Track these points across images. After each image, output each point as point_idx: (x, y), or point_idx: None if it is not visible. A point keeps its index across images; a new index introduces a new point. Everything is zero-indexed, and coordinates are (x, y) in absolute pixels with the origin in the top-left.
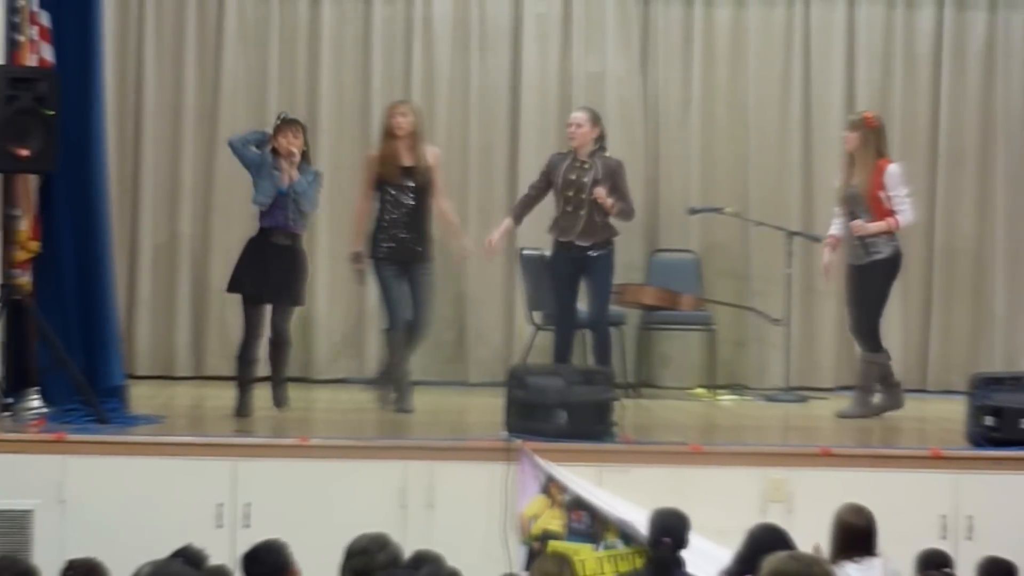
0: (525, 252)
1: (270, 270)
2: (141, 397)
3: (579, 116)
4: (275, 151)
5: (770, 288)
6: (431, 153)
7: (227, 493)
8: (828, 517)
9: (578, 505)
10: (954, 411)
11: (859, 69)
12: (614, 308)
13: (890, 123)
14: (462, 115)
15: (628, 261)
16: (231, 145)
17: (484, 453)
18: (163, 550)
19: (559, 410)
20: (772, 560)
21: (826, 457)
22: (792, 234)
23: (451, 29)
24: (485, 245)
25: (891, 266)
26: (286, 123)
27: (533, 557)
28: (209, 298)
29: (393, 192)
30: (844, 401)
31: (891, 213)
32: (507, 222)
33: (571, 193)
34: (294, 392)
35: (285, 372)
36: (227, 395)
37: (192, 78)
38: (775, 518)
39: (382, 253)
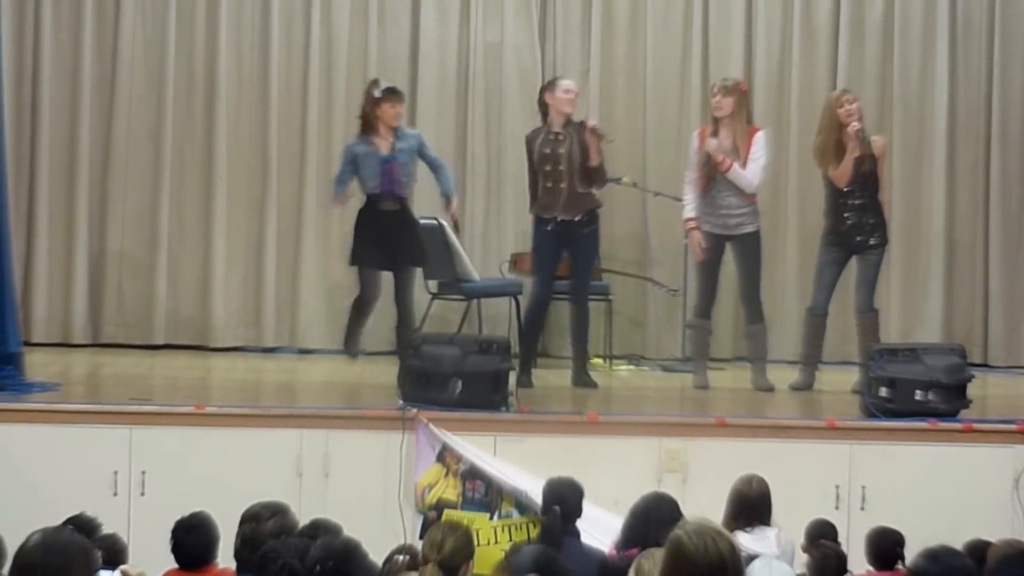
0: (421, 221)
1: (383, 237)
2: (37, 364)
3: (576, 85)
4: (368, 123)
5: (667, 259)
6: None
7: (123, 461)
8: (723, 487)
9: (473, 474)
10: (850, 382)
11: (758, 41)
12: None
13: (788, 96)
14: (361, 85)
15: (524, 229)
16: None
17: (380, 422)
18: (58, 518)
19: (454, 379)
20: (675, 534)
21: (722, 427)
22: None
23: None
24: None
25: (759, 239)
26: (388, 94)
27: (428, 526)
28: (106, 265)
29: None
30: (742, 371)
31: None
32: (533, 218)
33: (548, 168)
34: (191, 360)
35: None
36: (124, 362)
37: (90, 45)
38: (670, 488)
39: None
